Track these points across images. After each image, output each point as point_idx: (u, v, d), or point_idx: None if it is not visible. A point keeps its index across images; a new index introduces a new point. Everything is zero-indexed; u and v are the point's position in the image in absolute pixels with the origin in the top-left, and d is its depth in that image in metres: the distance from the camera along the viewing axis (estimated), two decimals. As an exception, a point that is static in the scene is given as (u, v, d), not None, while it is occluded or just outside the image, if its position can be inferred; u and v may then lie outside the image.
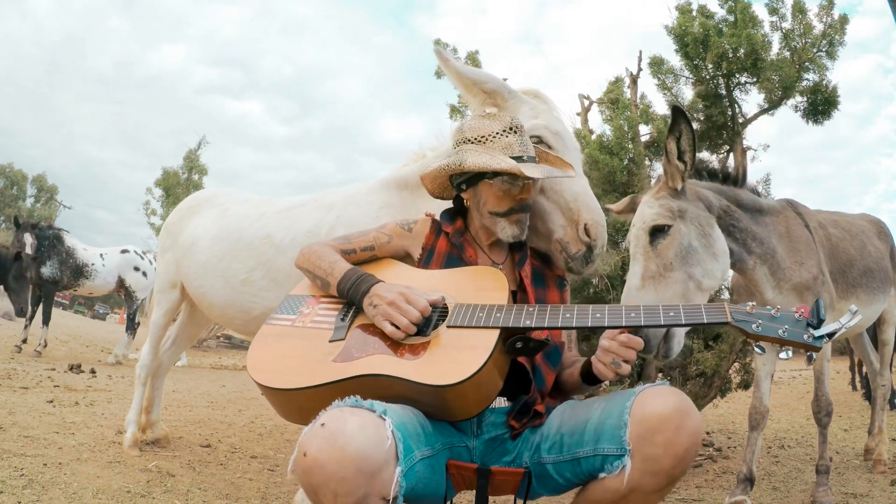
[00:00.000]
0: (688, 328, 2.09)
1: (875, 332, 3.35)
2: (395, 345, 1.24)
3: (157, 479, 2.40)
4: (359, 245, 1.51)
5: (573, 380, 1.40)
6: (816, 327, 1.12)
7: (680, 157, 1.96)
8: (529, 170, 1.37)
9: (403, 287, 1.28)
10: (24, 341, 6.85)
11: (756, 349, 1.19)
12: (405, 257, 1.52)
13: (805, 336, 1.11)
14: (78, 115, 72.71)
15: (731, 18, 4.54)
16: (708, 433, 4.45)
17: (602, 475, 1.12)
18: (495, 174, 1.40)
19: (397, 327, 1.22)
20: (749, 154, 4.78)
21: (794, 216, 2.54)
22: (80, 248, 7.30)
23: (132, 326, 7.53)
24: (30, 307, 4.70)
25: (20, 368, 5.13)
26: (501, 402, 1.31)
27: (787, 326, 1.12)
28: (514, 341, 1.21)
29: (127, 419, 2.84)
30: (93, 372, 5.60)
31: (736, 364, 3.78)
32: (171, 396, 4.78)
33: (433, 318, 1.27)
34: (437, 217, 1.57)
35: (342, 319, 1.35)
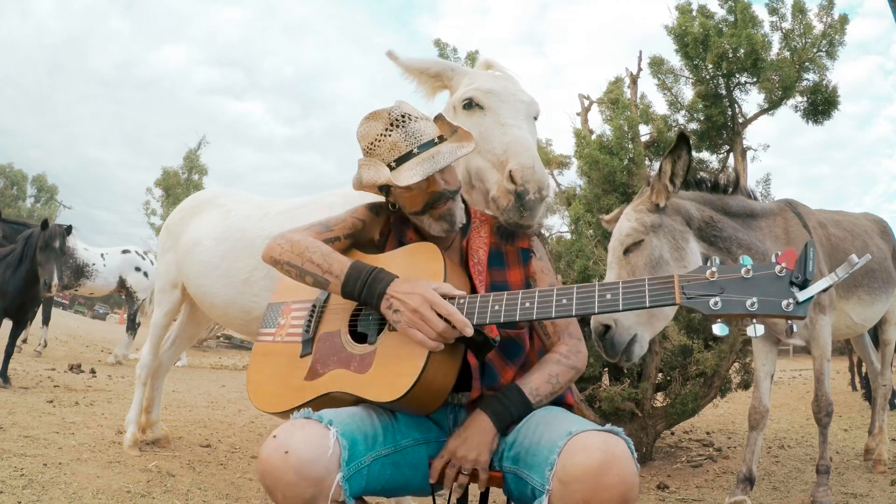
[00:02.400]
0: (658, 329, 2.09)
1: (876, 332, 3.35)
2: (349, 356, 1.24)
3: (157, 479, 2.40)
4: (342, 231, 1.41)
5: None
6: (802, 286, 0.88)
7: (671, 179, 2.06)
8: (406, 175, 1.25)
9: (424, 285, 1.16)
10: (25, 341, 6.85)
11: (717, 330, 0.95)
12: (365, 238, 1.47)
13: (784, 304, 0.88)
14: (79, 116, 72.78)
15: (731, 18, 4.54)
16: (708, 433, 4.45)
17: None
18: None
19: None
20: (749, 154, 4.78)
21: (792, 217, 2.54)
22: (80, 248, 7.29)
23: (133, 326, 7.53)
24: (55, 280, 4.63)
25: (20, 368, 5.13)
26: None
27: (758, 297, 0.89)
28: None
29: (127, 419, 2.84)
30: (93, 372, 5.60)
31: (736, 364, 3.78)
32: (171, 396, 4.78)
33: (377, 322, 1.26)
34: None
35: (307, 331, 1.35)
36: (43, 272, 4.55)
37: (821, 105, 4.47)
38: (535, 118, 1.62)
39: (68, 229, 5.00)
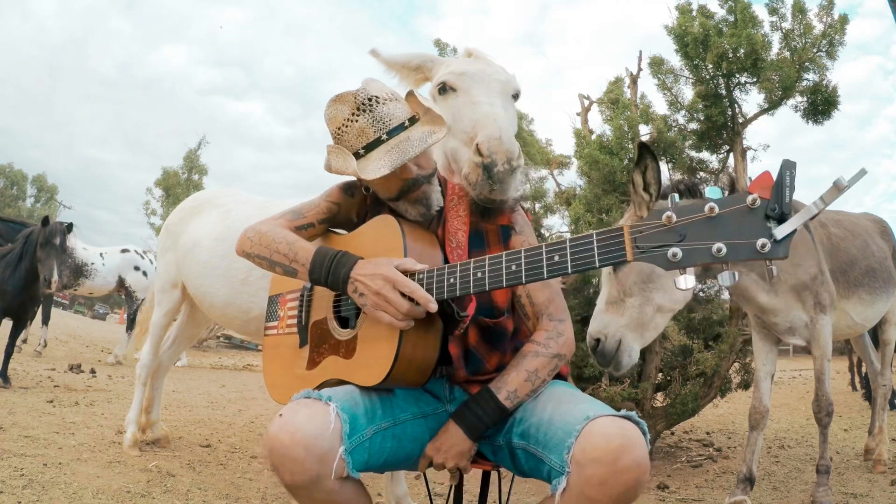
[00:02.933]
0: (640, 340, 2.10)
1: (876, 332, 3.35)
2: (337, 342, 1.27)
3: (157, 479, 2.40)
4: (315, 217, 1.38)
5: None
6: (780, 220, 0.75)
7: (646, 189, 2.07)
8: (373, 166, 1.21)
9: (386, 264, 1.14)
10: (25, 341, 6.85)
11: (679, 280, 0.81)
12: (342, 220, 1.45)
13: (760, 244, 0.74)
14: (79, 116, 72.75)
15: (731, 18, 4.53)
16: (708, 433, 4.45)
17: (550, 491, 1.07)
18: None
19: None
20: (749, 154, 4.77)
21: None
22: (79, 247, 7.28)
23: (132, 326, 7.52)
24: (55, 277, 4.60)
25: (20, 368, 5.13)
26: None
27: (728, 238, 0.76)
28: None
29: (127, 419, 2.84)
30: (93, 372, 5.60)
31: (736, 364, 3.78)
32: (171, 396, 4.78)
33: (354, 306, 1.26)
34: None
35: (300, 321, 1.37)
36: (43, 268, 4.53)
37: (821, 105, 4.46)
38: (515, 96, 1.56)
39: (69, 227, 4.99)
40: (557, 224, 5.77)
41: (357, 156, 1.25)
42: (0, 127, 54.51)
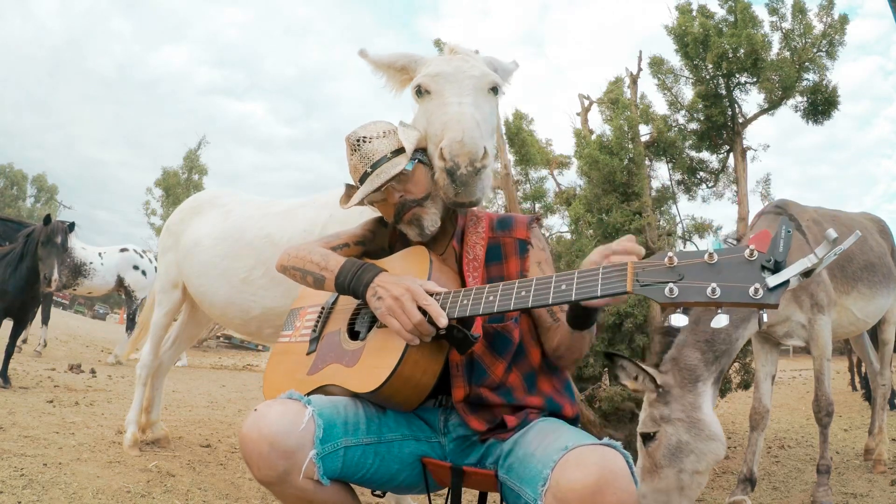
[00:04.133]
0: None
1: (875, 331, 3.35)
2: (343, 352, 1.30)
3: (157, 479, 2.40)
4: (350, 239, 1.47)
5: (564, 333, 1.22)
6: (775, 270, 0.78)
7: (638, 379, 2.14)
8: (353, 199, 1.36)
9: (411, 279, 1.18)
10: (25, 341, 6.84)
11: (673, 317, 0.88)
12: (383, 245, 1.52)
13: (752, 290, 0.78)
14: (80, 117, 72.82)
15: (731, 18, 4.54)
16: (708, 433, 4.45)
17: None
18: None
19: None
20: (749, 154, 4.78)
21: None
22: (78, 246, 7.26)
23: (132, 326, 7.51)
24: (56, 275, 4.59)
25: (20, 368, 5.12)
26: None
27: (720, 282, 0.80)
28: (435, 332, 1.16)
29: (127, 419, 2.84)
30: (93, 372, 5.60)
31: (736, 364, 3.78)
32: (171, 396, 4.78)
33: (368, 321, 1.32)
34: None
35: (314, 330, 1.44)
36: (43, 267, 4.51)
37: (821, 105, 4.47)
38: (494, 90, 1.51)
39: (71, 226, 4.98)
40: (557, 224, 5.78)
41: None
42: (0, 127, 54.54)
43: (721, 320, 0.82)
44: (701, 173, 5.01)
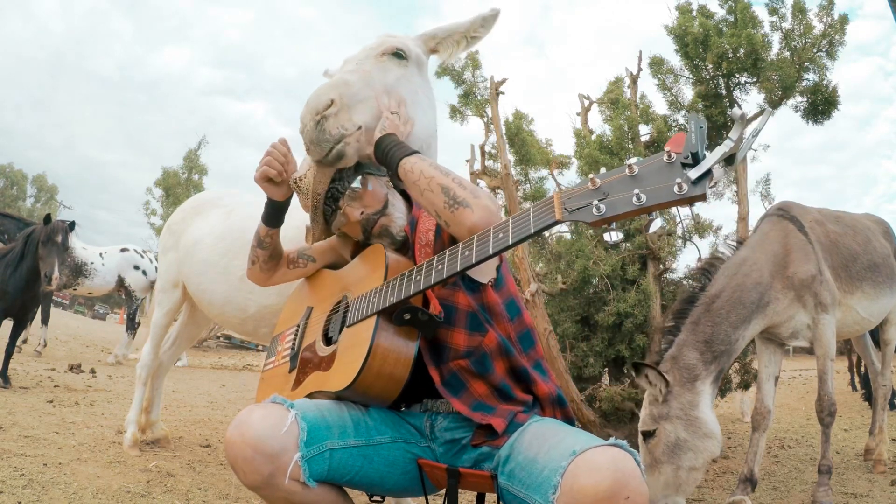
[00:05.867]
0: None
1: (876, 332, 3.35)
2: (320, 360, 1.33)
3: (157, 479, 2.40)
4: (314, 252, 1.63)
5: None
6: (694, 164, 0.80)
7: (653, 383, 2.18)
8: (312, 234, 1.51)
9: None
10: (25, 341, 6.84)
11: (608, 235, 0.92)
12: (340, 260, 1.60)
13: (675, 187, 0.79)
14: (81, 117, 72.89)
15: (731, 18, 4.53)
16: (708, 433, 4.45)
17: None
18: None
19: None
20: (749, 154, 4.77)
21: (786, 224, 2.58)
22: (78, 246, 7.25)
23: (132, 326, 7.51)
24: (57, 274, 4.58)
25: (20, 368, 5.12)
26: (450, 408, 1.26)
27: (642, 188, 0.82)
28: (398, 316, 1.18)
29: (127, 419, 2.84)
30: (93, 372, 5.60)
31: (736, 364, 3.78)
32: (171, 396, 4.78)
33: (339, 323, 1.34)
34: None
35: (292, 348, 1.48)
36: (44, 265, 4.50)
37: (821, 105, 4.47)
38: (396, 54, 1.46)
39: (71, 225, 4.97)
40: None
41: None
42: (1, 127, 54.57)
43: (655, 224, 0.88)
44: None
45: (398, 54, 1.46)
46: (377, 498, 1.30)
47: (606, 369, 3.84)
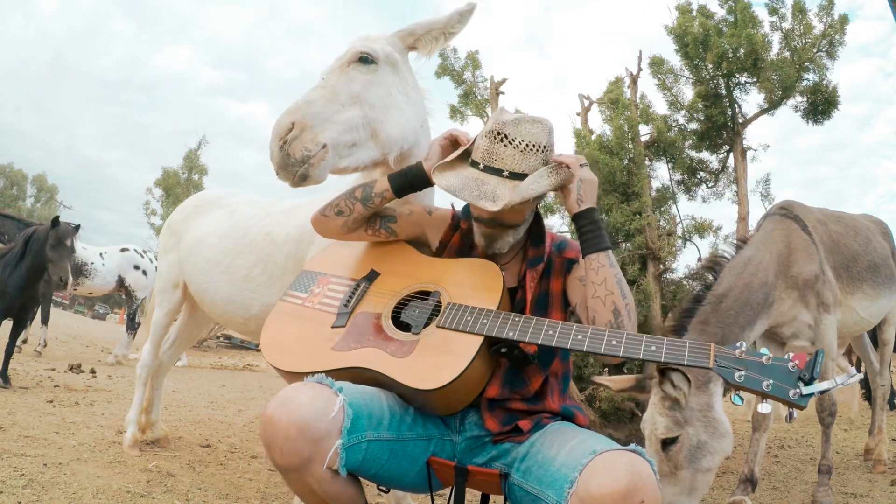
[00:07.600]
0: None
1: (875, 332, 3.36)
2: (387, 339, 1.27)
3: (157, 479, 2.40)
4: (396, 213, 1.51)
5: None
6: (808, 382, 1.04)
7: (676, 386, 2.10)
8: (522, 188, 1.32)
9: None
10: (25, 341, 6.84)
11: (733, 399, 1.10)
12: (420, 239, 1.50)
13: (791, 393, 1.03)
14: (81, 117, 72.93)
15: (731, 18, 4.54)
16: (708, 433, 4.45)
17: None
18: None
19: None
20: (749, 154, 4.78)
21: (789, 224, 2.58)
22: (79, 246, 7.24)
23: (132, 326, 7.51)
24: (69, 277, 4.58)
25: (20, 368, 5.12)
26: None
27: (773, 381, 1.04)
28: (498, 348, 1.22)
29: (127, 419, 2.84)
30: (93, 372, 5.60)
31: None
32: (171, 396, 4.78)
33: (425, 316, 1.29)
34: (459, 211, 1.51)
35: (345, 305, 1.38)
36: (56, 269, 4.50)
37: (821, 105, 4.47)
38: (362, 59, 1.45)
39: (76, 228, 4.98)
40: (558, 224, 5.78)
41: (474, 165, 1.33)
42: (1, 127, 54.61)
43: (765, 408, 1.10)
44: (701, 173, 5.01)
45: (364, 59, 1.45)
46: (383, 489, 1.30)
47: (606, 370, 3.84)
